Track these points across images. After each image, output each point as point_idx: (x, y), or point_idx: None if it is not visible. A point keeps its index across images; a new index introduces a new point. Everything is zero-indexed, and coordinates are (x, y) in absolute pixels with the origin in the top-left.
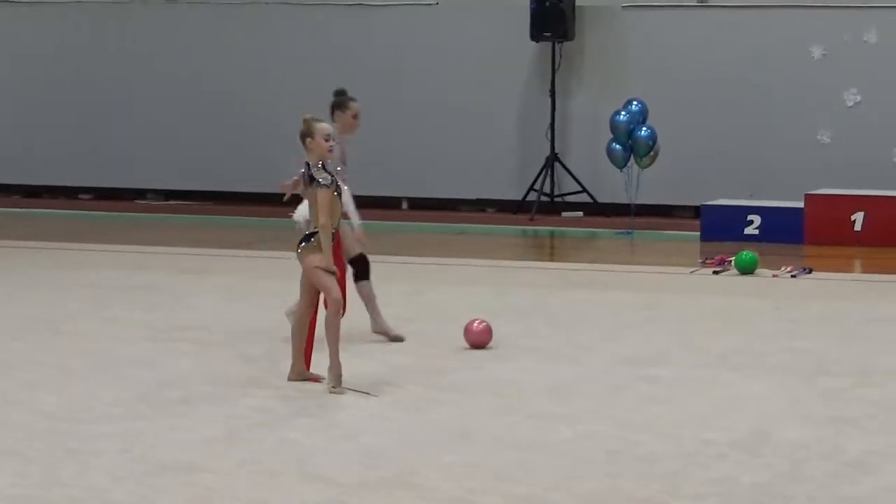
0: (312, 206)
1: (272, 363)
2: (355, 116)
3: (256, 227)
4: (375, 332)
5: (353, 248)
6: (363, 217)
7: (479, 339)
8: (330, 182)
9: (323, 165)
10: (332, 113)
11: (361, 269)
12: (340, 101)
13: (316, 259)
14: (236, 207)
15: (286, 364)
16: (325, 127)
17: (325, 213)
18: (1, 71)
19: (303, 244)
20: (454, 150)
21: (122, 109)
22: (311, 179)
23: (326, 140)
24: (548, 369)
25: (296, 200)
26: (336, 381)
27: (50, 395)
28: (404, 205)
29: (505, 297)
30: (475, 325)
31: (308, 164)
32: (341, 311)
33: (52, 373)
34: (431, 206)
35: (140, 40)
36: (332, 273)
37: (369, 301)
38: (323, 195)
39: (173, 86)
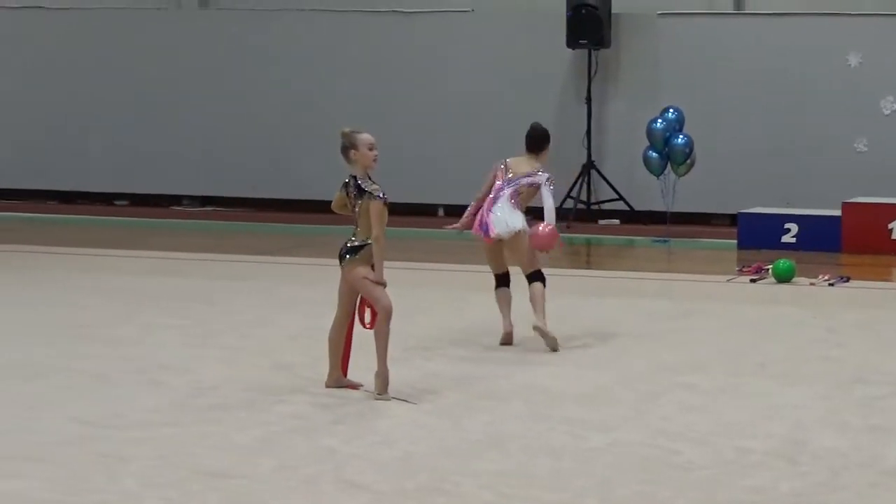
0: (362, 218)
1: (308, 370)
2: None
3: (291, 234)
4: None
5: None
6: (401, 224)
7: (543, 243)
8: (381, 193)
9: (369, 176)
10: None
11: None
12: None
13: (364, 270)
14: (271, 213)
15: (323, 371)
16: (367, 137)
17: (379, 224)
18: (36, 78)
19: (348, 256)
20: (490, 158)
21: (157, 115)
22: (361, 191)
23: (371, 149)
24: (583, 376)
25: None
26: (383, 387)
27: (82, 401)
28: (441, 212)
29: None
30: (541, 228)
31: (354, 177)
32: (390, 320)
33: (85, 379)
34: None
35: (174, 47)
36: (383, 285)
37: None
38: (375, 206)
39: (209, 92)
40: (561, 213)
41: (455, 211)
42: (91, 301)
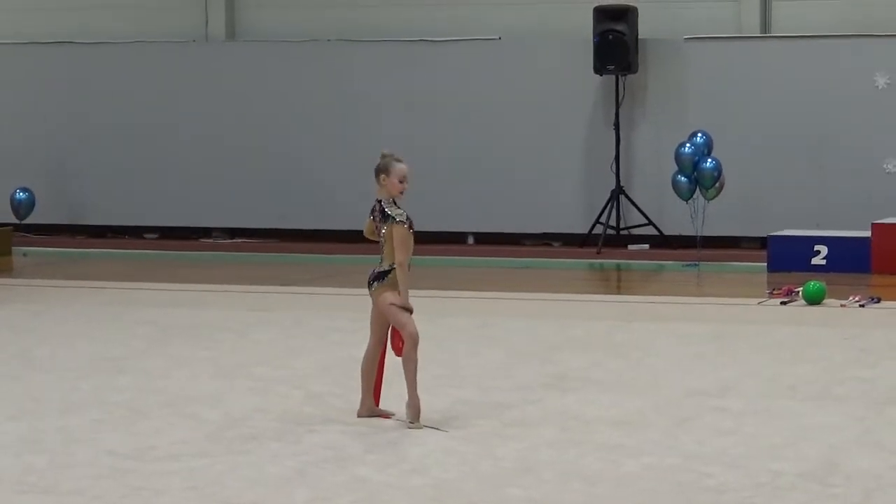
0: (387, 243)
1: (340, 399)
2: None
3: (320, 264)
4: None
5: None
6: (431, 252)
7: None
8: (405, 218)
9: (394, 201)
10: None
11: None
12: None
13: (391, 296)
14: (300, 244)
15: (355, 400)
16: (402, 168)
17: (403, 250)
18: (65, 112)
19: (375, 283)
20: (519, 185)
21: (185, 149)
22: (385, 216)
23: (401, 181)
24: (614, 402)
25: None
26: (414, 416)
27: (115, 434)
28: (470, 240)
29: (571, 330)
30: None
31: (379, 201)
32: (417, 346)
33: (118, 411)
34: (497, 241)
35: (202, 79)
36: (409, 311)
37: None
38: (399, 231)
39: (236, 124)
40: (591, 239)
41: (485, 238)
42: (122, 334)
